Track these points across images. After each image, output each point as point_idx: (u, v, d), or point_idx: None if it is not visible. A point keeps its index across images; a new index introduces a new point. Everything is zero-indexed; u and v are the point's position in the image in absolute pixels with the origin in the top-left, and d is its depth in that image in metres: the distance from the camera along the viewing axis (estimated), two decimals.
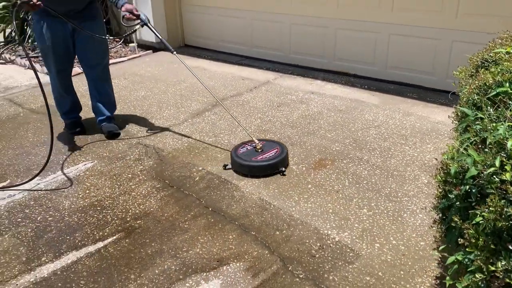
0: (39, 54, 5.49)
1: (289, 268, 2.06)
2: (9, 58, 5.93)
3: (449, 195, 1.28)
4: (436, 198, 1.44)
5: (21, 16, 5.89)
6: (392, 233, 2.26)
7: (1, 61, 5.96)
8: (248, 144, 3.08)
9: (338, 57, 4.77)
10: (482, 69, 1.58)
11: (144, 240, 2.31)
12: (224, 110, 3.93)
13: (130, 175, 2.94)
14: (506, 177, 1.02)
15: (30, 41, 6.04)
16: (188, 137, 3.46)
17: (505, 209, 1.00)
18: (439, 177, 1.38)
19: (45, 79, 4.49)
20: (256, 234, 2.31)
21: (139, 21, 3.20)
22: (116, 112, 3.73)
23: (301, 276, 2.02)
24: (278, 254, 2.16)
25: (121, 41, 6.33)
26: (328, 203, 2.54)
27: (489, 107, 1.29)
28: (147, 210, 2.57)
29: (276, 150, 2.97)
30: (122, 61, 5.69)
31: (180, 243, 2.27)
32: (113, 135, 3.51)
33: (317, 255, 2.13)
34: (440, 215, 1.43)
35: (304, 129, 3.48)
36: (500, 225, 1.01)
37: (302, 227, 2.34)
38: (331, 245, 2.20)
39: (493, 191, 1.06)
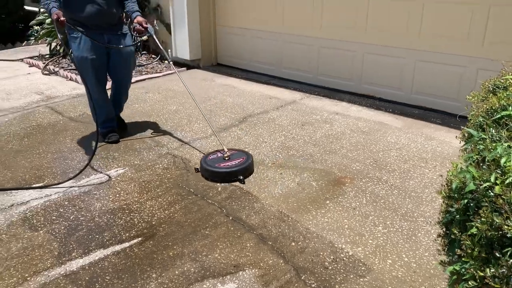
0: None
1: (302, 278, 2.15)
2: (53, 69, 6.32)
3: (450, 209, 1.37)
4: (441, 213, 1.52)
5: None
6: (405, 251, 2.32)
7: (46, 72, 6.35)
8: (220, 151, 3.32)
9: (364, 80, 4.87)
10: (491, 94, 1.66)
11: (167, 243, 2.45)
12: (250, 126, 4.08)
13: (158, 182, 3.11)
14: (496, 190, 1.11)
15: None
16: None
17: (494, 219, 1.08)
18: (443, 193, 1.46)
19: (83, 89, 4.78)
20: (272, 244, 2.41)
21: (147, 32, 3.63)
22: (149, 124, 3.96)
23: (313, 285, 2.10)
24: (292, 264, 2.25)
25: (158, 58, 6.63)
26: (344, 219, 2.62)
27: (491, 129, 1.38)
28: (172, 215, 2.71)
29: (241, 159, 3.17)
30: (157, 77, 5.97)
31: (200, 247, 2.40)
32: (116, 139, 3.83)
33: (330, 267, 2.22)
34: (444, 229, 1.51)
35: (326, 147, 3.59)
36: (490, 235, 1.09)
37: (317, 240, 2.43)
38: (344, 258, 2.28)
39: (486, 204, 1.14)
